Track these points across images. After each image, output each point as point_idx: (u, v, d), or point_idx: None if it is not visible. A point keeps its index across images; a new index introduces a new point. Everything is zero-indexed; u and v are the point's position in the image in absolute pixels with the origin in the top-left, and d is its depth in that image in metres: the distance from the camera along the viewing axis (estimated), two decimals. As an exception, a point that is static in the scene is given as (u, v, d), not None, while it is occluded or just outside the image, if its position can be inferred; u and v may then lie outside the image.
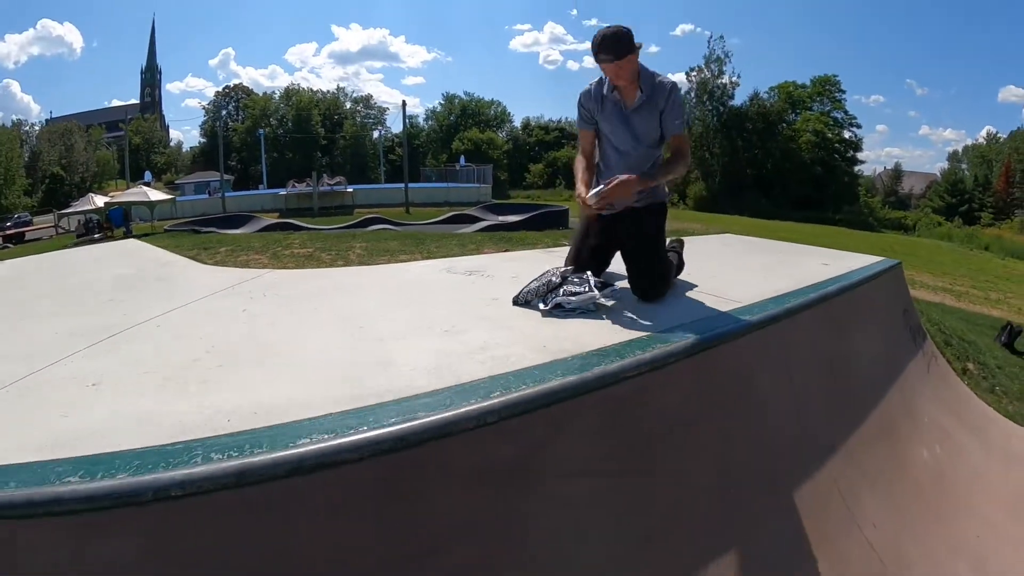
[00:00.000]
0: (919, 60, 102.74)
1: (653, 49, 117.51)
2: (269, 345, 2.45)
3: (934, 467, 3.92)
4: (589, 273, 2.97)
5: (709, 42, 58.42)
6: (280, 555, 1.41)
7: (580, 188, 2.97)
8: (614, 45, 2.77)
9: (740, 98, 55.53)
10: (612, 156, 3.09)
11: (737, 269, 4.46)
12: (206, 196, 45.41)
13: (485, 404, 1.69)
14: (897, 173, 66.94)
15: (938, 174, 63.21)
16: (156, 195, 33.90)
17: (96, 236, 26.95)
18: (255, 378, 2.06)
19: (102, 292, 3.71)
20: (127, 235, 23.83)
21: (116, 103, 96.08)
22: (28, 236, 37.20)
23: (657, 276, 3.08)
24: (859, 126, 55.87)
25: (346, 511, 1.45)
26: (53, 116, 79.53)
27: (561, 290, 2.84)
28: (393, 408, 1.69)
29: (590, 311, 2.76)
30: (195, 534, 1.41)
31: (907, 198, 62.62)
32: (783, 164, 52.68)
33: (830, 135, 53.35)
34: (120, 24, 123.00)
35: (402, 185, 40.49)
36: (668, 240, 3.60)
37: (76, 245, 19.80)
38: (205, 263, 4.99)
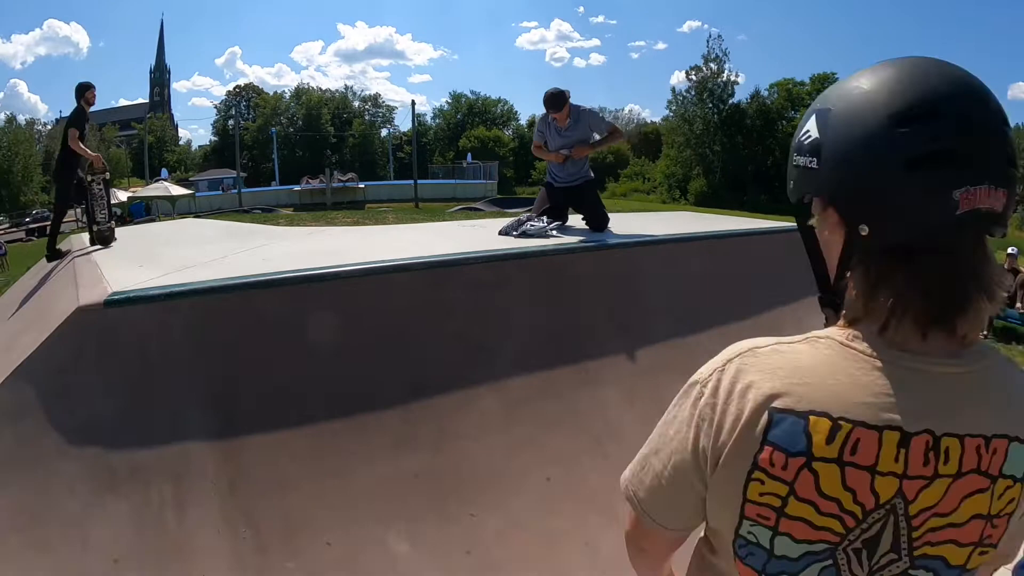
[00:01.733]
0: (928, 54, 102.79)
1: (660, 46, 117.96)
2: (369, 247, 4.30)
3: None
4: (545, 217, 4.71)
5: (707, 41, 59.57)
6: (393, 305, 3.15)
7: (543, 152, 5.15)
8: (556, 103, 4.83)
9: (743, 94, 56.64)
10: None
11: (667, 227, 6.14)
12: (220, 192, 46.99)
13: (477, 255, 3.52)
14: None
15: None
16: (177, 190, 35.68)
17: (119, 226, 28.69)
18: (374, 253, 3.74)
19: (216, 237, 5.39)
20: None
21: (124, 102, 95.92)
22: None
23: (601, 216, 5.01)
24: (858, 123, 56.74)
25: (412, 290, 3.25)
26: (63, 115, 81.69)
27: (527, 224, 4.57)
28: (438, 258, 3.48)
29: (543, 236, 4.48)
30: (358, 295, 3.13)
31: None
32: (783, 160, 53.07)
33: (828, 131, 54.25)
34: (126, 24, 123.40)
35: (411, 182, 42.21)
36: None
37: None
38: (278, 225, 6.66)
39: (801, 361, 0.75)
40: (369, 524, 2.44)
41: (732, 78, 55.61)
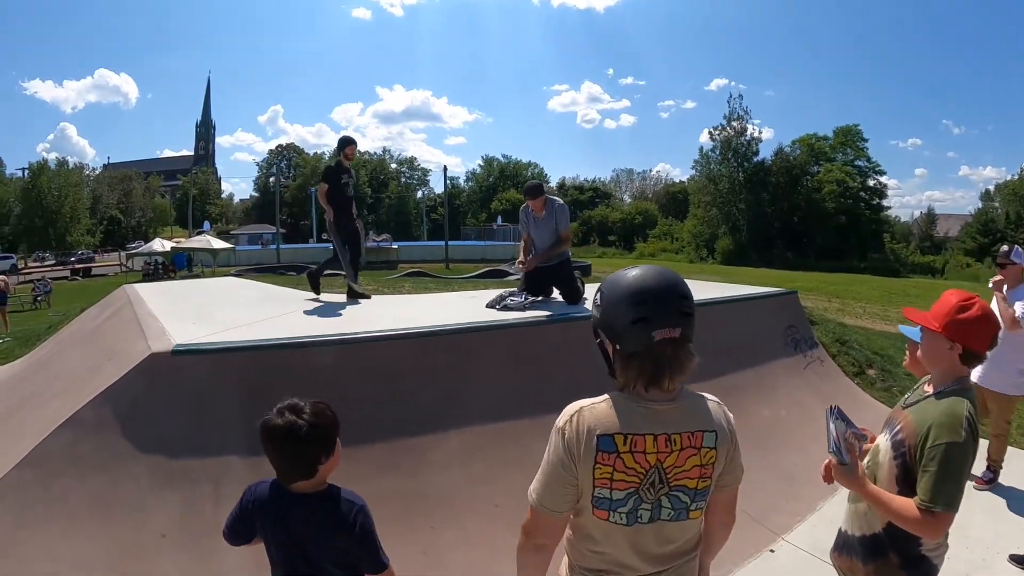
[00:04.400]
0: (954, 99, 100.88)
1: (689, 104, 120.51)
2: (379, 315, 5.37)
3: (773, 421, 5.85)
4: (525, 292, 5.71)
5: (729, 101, 60.92)
6: (389, 363, 4.11)
7: (521, 255, 6.22)
8: (534, 192, 5.94)
9: (770, 149, 57.27)
10: (534, 241, 6.13)
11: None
12: (259, 247, 48.78)
13: (468, 325, 4.60)
14: (931, 217, 66.28)
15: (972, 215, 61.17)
16: (218, 243, 37.44)
17: (161, 276, 30.60)
18: (381, 321, 4.84)
19: (257, 301, 6.52)
20: (196, 277, 26.84)
21: (168, 153, 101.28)
22: (94, 272, 41.74)
23: (575, 290, 5.95)
24: (883, 172, 56.66)
25: (405, 352, 4.23)
26: (111, 161, 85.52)
27: (508, 299, 5.55)
28: (425, 329, 4.48)
29: (521, 310, 5.44)
30: (362, 355, 4.13)
31: (942, 242, 61.53)
32: (808, 215, 53.80)
33: (852, 184, 54.19)
34: (174, 78, 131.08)
35: (443, 242, 43.73)
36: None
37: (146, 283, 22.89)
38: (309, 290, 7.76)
39: (604, 411, 1.55)
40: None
41: (756, 135, 56.52)
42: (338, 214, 6.50)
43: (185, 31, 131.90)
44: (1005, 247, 5.10)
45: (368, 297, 6.64)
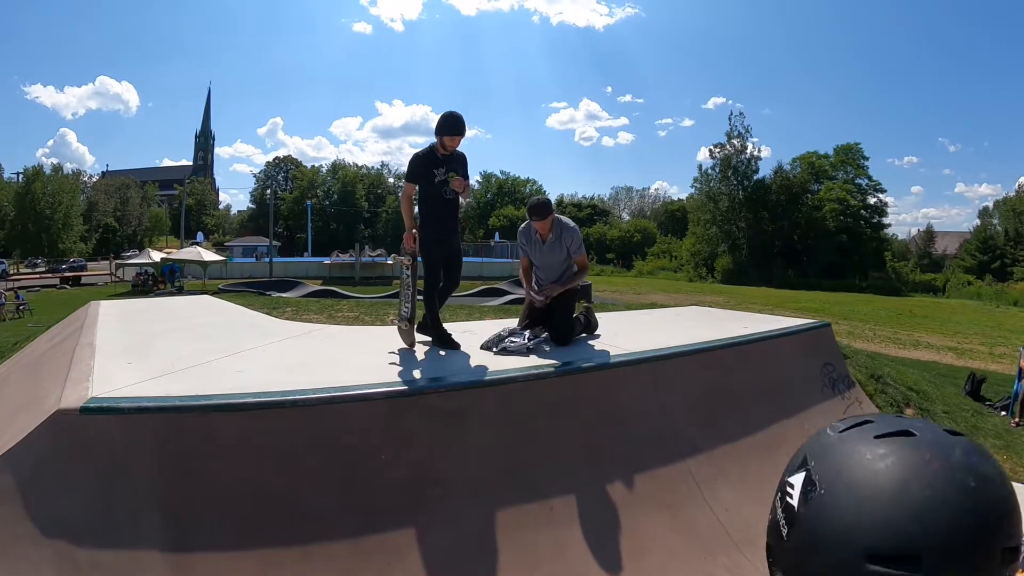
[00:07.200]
0: (949, 117, 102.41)
1: (687, 123, 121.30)
2: (344, 361, 4.41)
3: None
4: (527, 332, 4.75)
5: (730, 119, 60.18)
6: (351, 432, 3.18)
7: (528, 287, 5.26)
8: (541, 211, 4.88)
9: (769, 167, 56.77)
10: (538, 267, 5.27)
11: (656, 332, 6.06)
12: (253, 260, 48.19)
13: (438, 384, 3.64)
14: (929, 234, 65.69)
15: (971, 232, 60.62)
16: (209, 255, 36.80)
17: (151, 287, 29.99)
18: (343, 373, 3.86)
19: (215, 330, 5.61)
20: (179, 290, 26.07)
21: (167, 163, 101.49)
22: (84, 280, 40.96)
23: (565, 333, 5.02)
24: (884, 191, 55.84)
25: (372, 417, 3.32)
26: (109, 169, 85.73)
27: (507, 340, 4.61)
28: (397, 387, 3.53)
29: (524, 354, 4.52)
30: (316, 421, 3.23)
31: (941, 259, 60.77)
32: (808, 234, 53.34)
33: (853, 202, 53.53)
34: (175, 87, 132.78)
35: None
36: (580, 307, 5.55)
37: (134, 295, 22.41)
38: (279, 319, 6.83)
39: None
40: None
41: (755, 153, 56.08)
42: (427, 223, 4.76)
43: (187, 41, 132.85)
44: None
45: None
